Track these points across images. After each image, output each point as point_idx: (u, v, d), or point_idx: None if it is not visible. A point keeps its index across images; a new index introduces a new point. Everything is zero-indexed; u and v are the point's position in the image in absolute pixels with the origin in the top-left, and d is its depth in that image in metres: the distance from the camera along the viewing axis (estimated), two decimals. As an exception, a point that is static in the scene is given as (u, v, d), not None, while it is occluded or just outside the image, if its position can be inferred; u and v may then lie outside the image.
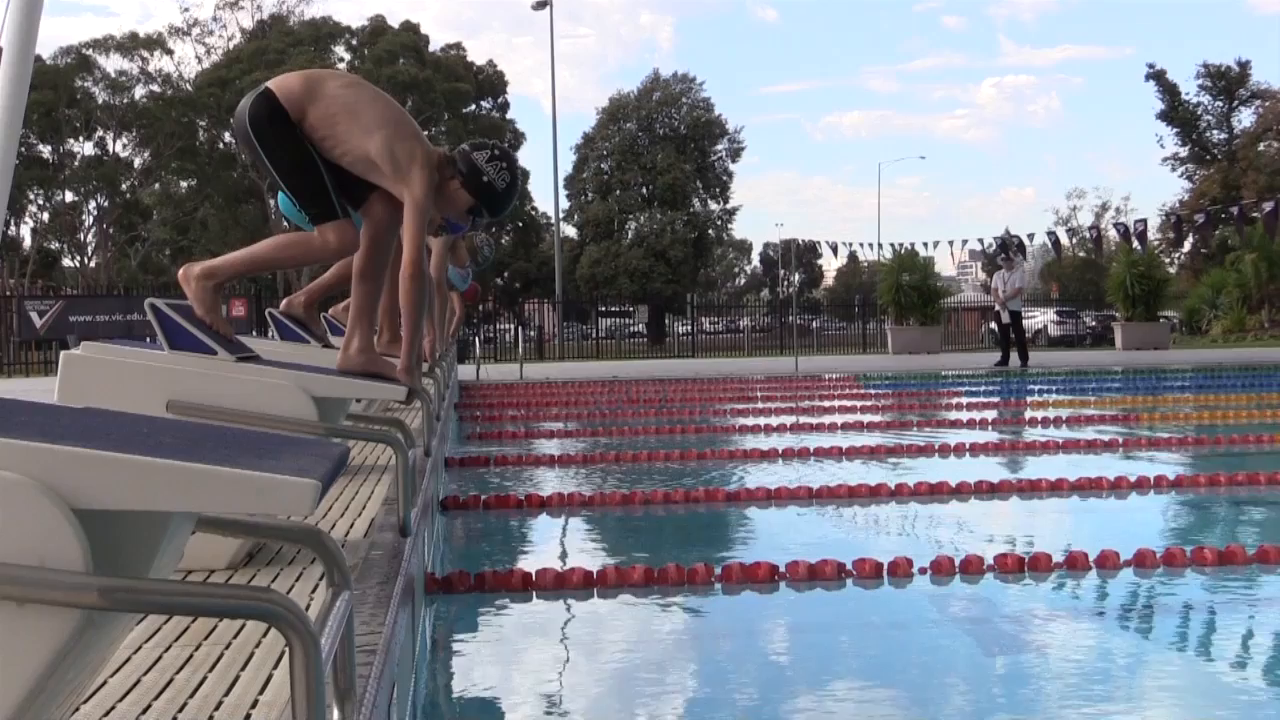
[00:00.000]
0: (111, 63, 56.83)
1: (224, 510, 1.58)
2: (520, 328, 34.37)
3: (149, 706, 2.42)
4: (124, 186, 58.17)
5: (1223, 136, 59.85)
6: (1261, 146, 57.96)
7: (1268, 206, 26.89)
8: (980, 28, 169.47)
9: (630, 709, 4.06)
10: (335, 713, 2.01)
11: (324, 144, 5.14)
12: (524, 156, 79.50)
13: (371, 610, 3.00)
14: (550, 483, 8.96)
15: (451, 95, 57.27)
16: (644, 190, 62.31)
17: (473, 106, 61.08)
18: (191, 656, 2.77)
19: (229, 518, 2.00)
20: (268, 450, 1.91)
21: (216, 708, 2.39)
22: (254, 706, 2.40)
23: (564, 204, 60.99)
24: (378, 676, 2.47)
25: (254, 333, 13.65)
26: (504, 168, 5.40)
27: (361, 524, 4.54)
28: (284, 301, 8.05)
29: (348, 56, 59.13)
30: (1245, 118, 59.55)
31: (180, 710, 2.39)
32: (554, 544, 7.18)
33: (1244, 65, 58.99)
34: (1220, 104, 59.65)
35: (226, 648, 2.84)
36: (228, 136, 57.66)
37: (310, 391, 4.19)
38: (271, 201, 55.75)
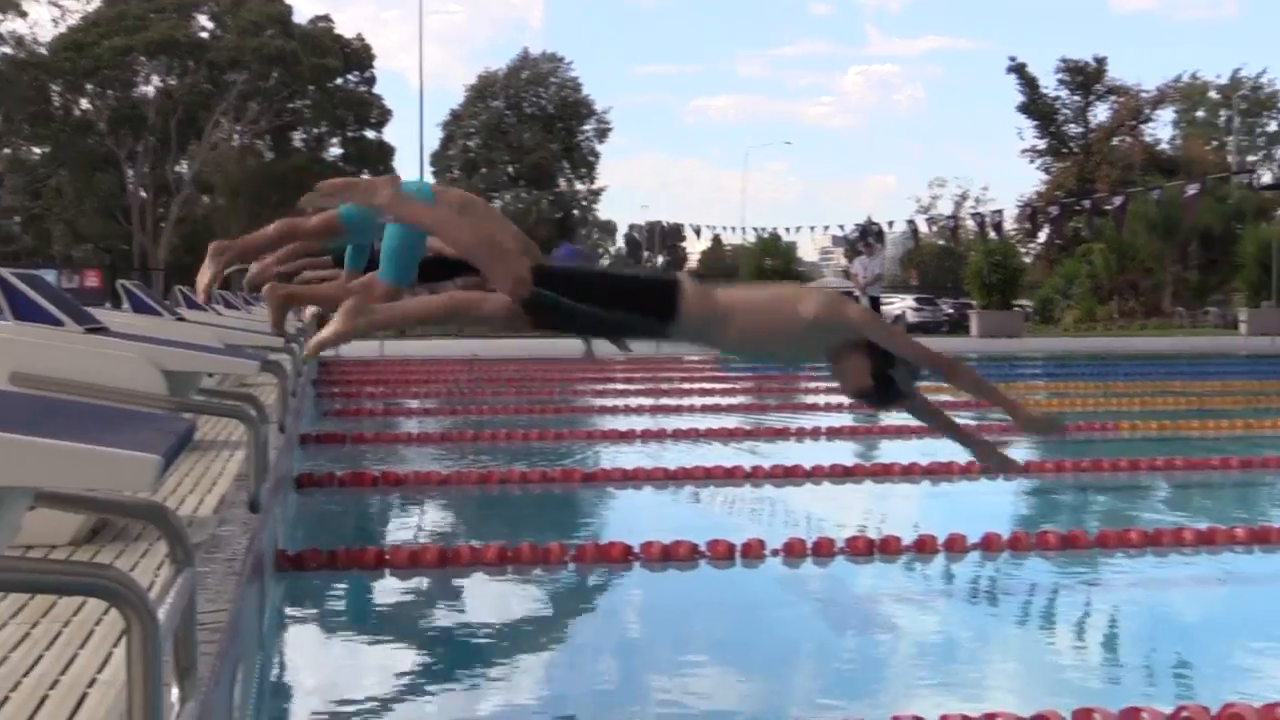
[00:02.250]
0: (-41, 23, 55.04)
1: (59, 485, 1.55)
2: (382, 304, 33.97)
3: (-18, 684, 2.37)
4: (-28, 152, 56.47)
5: (1079, 130, 61.12)
6: (1115, 141, 59.34)
7: (1118, 200, 27.52)
8: (848, 16, 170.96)
9: (481, 687, 4.07)
10: (174, 690, 1.99)
11: None
12: (390, 133, 78.85)
13: (217, 587, 2.98)
14: (407, 461, 8.89)
15: (318, 71, 56.27)
16: (510, 169, 62.04)
17: (340, 80, 60.10)
18: (28, 634, 2.72)
19: (68, 493, 1.97)
20: (110, 424, 1.88)
21: (52, 686, 2.35)
22: (91, 685, 2.36)
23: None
24: (221, 654, 2.44)
25: (107, 305, 13.35)
26: None
27: (212, 500, 4.49)
28: (254, 267, 7.37)
29: (210, 25, 57.79)
30: (1101, 113, 60.91)
31: (14, 689, 2.34)
32: (409, 522, 7.15)
33: (1101, 61, 60.29)
34: (1077, 98, 60.88)
35: (65, 625, 2.79)
36: (84, 103, 56.15)
37: (160, 365, 4.13)
38: (130, 171, 54.47)
